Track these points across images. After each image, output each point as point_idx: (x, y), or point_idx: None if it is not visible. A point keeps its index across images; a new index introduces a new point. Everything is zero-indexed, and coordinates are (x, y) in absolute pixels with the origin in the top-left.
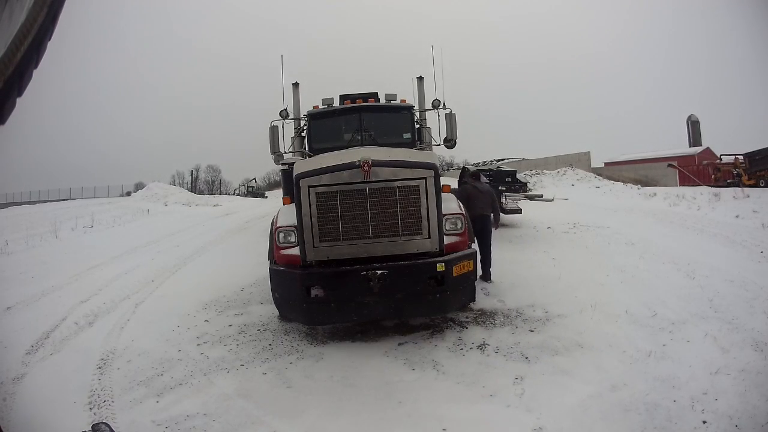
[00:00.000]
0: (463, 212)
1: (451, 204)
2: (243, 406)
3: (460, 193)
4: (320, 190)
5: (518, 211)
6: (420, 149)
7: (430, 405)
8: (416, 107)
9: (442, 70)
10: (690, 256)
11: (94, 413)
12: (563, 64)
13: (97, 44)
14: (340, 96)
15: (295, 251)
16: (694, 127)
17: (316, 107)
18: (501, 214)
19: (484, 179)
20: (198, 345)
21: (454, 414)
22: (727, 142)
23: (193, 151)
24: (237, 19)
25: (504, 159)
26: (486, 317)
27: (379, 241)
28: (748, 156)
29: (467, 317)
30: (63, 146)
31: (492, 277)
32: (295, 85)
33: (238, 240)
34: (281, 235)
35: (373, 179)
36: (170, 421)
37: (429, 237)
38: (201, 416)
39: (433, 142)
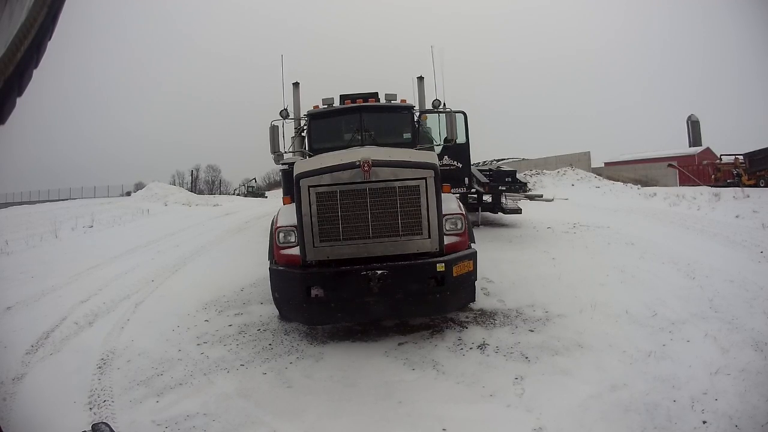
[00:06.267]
0: (463, 212)
1: (451, 204)
2: (243, 406)
3: None
4: (320, 190)
5: (518, 211)
6: (421, 149)
7: (430, 405)
8: (416, 107)
9: (442, 69)
10: (690, 256)
11: (94, 413)
12: (563, 61)
13: (97, 44)
14: (340, 96)
15: (295, 251)
16: (694, 127)
17: (316, 107)
18: (501, 214)
19: None
20: (198, 345)
21: (454, 414)
22: (727, 142)
23: (193, 151)
24: (237, 18)
25: (504, 159)
26: (486, 317)
27: (379, 241)
28: (748, 156)
29: (467, 317)
30: (63, 146)
31: (492, 277)
32: (296, 84)
33: (238, 240)
34: (281, 234)
35: (373, 179)
36: (170, 421)
37: (429, 237)
38: (201, 416)
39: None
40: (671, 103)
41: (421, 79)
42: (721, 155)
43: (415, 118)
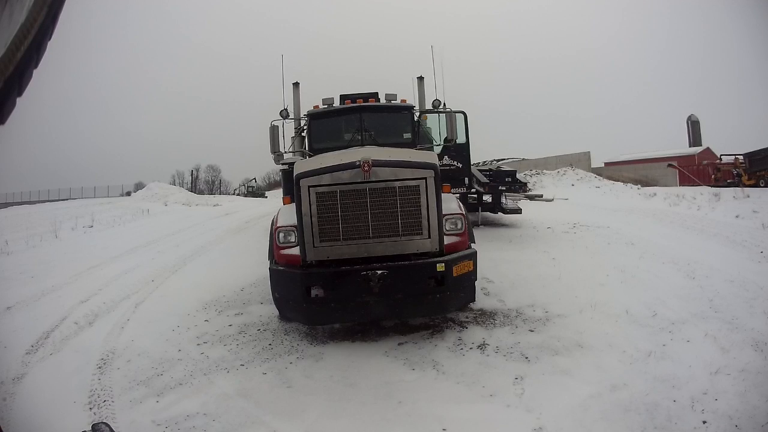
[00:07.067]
0: (463, 212)
1: (451, 204)
2: (243, 406)
3: None
4: (320, 190)
5: (518, 211)
6: (421, 149)
7: (430, 405)
8: (416, 107)
9: (442, 69)
10: (690, 256)
11: (94, 413)
12: (563, 61)
13: (97, 44)
14: (340, 96)
15: (295, 251)
16: (694, 127)
17: (316, 107)
18: (501, 214)
19: None
20: (198, 345)
21: (454, 414)
22: (727, 142)
23: (193, 151)
24: (237, 18)
25: (504, 159)
26: (486, 317)
27: (379, 241)
28: (748, 156)
29: (467, 317)
30: (63, 146)
31: (492, 277)
32: (296, 84)
33: (238, 240)
34: (281, 234)
35: (373, 179)
36: (170, 421)
37: (429, 237)
38: (201, 416)
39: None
40: (671, 103)
41: (421, 79)
42: (721, 155)
43: (415, 118)
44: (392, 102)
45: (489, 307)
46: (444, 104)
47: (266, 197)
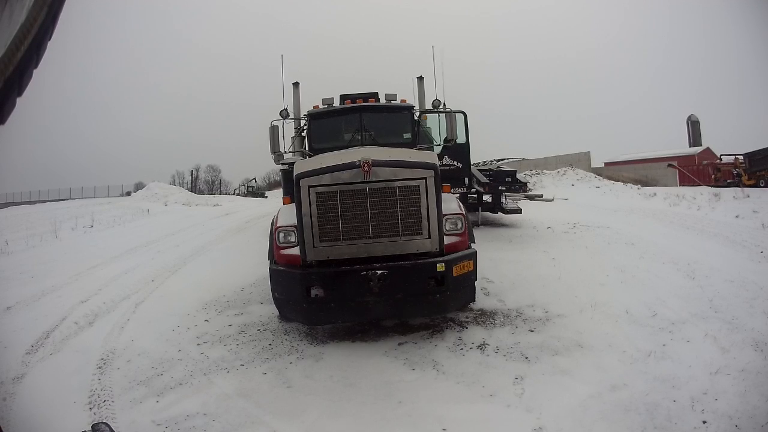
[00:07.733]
0: (463, 212)
1: (451, 204)
2: (243, 406)
3: None
4: (320, 190)
5: (518, 211)
6: (421, 149)
7: (430, 405)
8: (416, 107)
9: (442, 70)
10: (690, 256)
11: (94, 413)
12: (563, 62)
13: (97, 44)
14: (340, 96)
15: (295, 251)
16: (694, 127)
17: (316, 107)
18: (501, 214)
19: None
20: (198, 345)
21: (454, 414)
22: (727, 142)
23: (193, 151)
24: (237, 18)
25: (504, 159)
26: (486, 317)
27: (379, 241)
28: (748, 156)
29: (467, 317)
30: (63, 146)
31: (492, 277)
32: (296, 84)
33: (238, 240)
34: (281, 234)
35: (373, 179)
36: (170, 421)
37: (429, 237)
38: (201, 416)
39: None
40: (671, 103)
41: (421, 79)
42: (721, 155)
43: (415, 118)
44: (392, 102)
45: (489, 307)
46: (444, 104)
47: (266, 197)
